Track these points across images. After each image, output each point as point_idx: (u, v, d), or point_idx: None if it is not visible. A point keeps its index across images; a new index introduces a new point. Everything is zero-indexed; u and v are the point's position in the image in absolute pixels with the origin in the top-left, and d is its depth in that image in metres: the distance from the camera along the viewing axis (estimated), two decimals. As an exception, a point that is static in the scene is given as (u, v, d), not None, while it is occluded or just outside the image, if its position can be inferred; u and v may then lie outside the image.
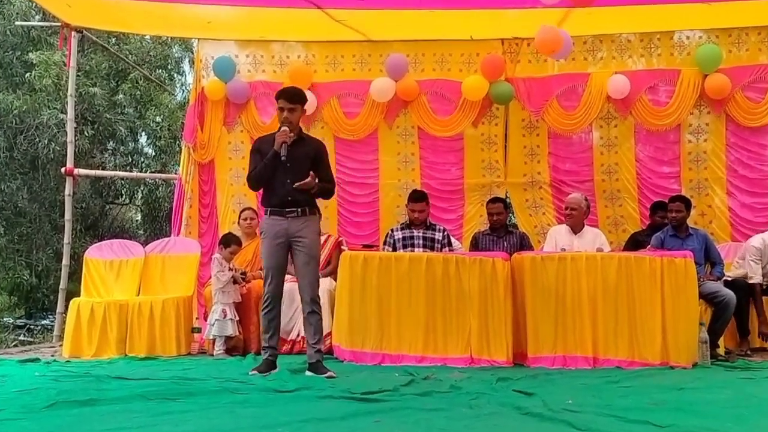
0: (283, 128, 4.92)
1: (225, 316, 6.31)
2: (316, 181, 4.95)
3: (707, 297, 5.90)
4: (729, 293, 5.90)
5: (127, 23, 8.41)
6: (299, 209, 4.93)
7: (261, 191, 5.34)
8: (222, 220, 8.19)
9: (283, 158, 4.85)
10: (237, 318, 6.41)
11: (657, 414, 3.48)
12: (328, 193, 5.22)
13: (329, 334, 6.03)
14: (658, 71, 7.83)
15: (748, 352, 6.13)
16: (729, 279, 6.35)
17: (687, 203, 6.60)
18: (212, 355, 6.34)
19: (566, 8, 6.72)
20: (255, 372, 4.87)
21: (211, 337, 6.37)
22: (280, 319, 5.20)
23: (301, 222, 4.94)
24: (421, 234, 6.40)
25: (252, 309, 6.49)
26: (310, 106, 7.85)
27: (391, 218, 7.85)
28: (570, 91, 7.89)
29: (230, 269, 6.47)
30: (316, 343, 4.95)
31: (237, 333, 6.38)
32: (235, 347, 6.41)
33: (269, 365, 4.97)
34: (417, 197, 6.51)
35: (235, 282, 6.48)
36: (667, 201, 6.76)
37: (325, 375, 4.75)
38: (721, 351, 5.84)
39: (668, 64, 7.82)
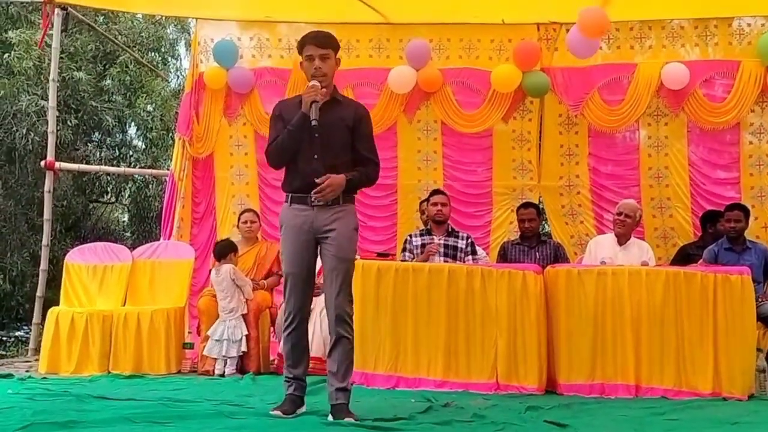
0: (313, 83, 4.21)
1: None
2: (345, 174, 4.17)
3: (766, 319, 5.86)
4: (792, 315, 5.87)
5: (116, -1, 8.49)
6: None
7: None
8: (221, 222, 8.25)
9: (314, 123, 4.09)
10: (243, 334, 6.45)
11: (707, 451, 3.48)
12: (368, 181, 4.45)
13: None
14: (715, 62, 7.82)
15: (813, 383, 6.09)
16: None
17: (746, 212, 6.58)
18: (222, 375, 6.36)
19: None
20: (278, 412, 4.15)
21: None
22: (308, 342, 4.44)
23: (331, 213, 4.17)
24: (441, 241, 6.41)
25: (253, 325, 6.52)
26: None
27: (410, 223, 7.88)
28: (614, 83, 7.90)
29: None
30: (343, 380, 4.15)
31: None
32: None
33: (294, 403, 4.24)
34: (436, 191, 6.56)
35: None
36: (721, 210, 6.74)
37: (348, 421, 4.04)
38: (781, 381, 5.81)
39: (726, 54, 7.80)
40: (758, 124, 7.76)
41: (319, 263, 4.31)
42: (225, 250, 6.61)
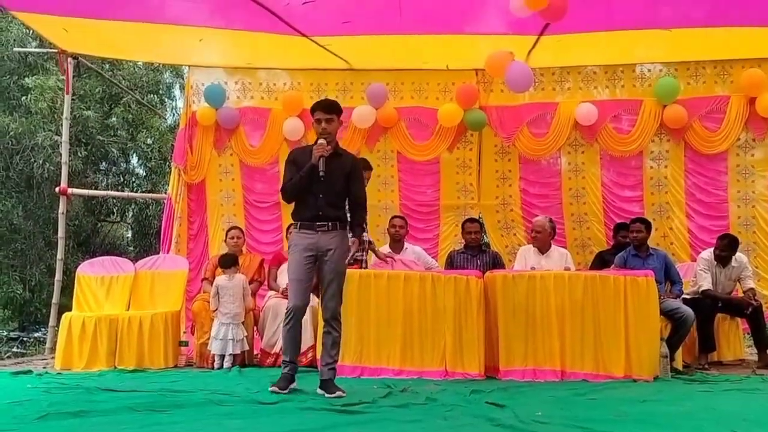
0: (320, 141, 4.64)
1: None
2: (356, 237, 4.84)
3: (667, 313, 5.94)
4: (688, 310, 5.96)
5: (120, 49, 8.38)
6: (329, 223, 4.65)
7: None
8: (212, 238, 8.16)
9: (321, 174, 4.57)
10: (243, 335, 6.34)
11: (621, 426, 3.52)
12: (363, 222, 5.00)
13: (312, 347, 6.00)
14: (622, 101, 7.91)
15: (706, 366, 6.17)
16: (687, 297, 6.44)
17: (647, 224, 6.68)
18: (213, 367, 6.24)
19: (535, 37, 6.77)
20: (275, 388, 4.57)
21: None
22: (301, 335, 4.91)
23: (331, 236, 4.65)
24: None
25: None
26: (296, 131, 7.88)
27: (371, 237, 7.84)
28: (539, 119, 7.97)
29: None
30: (332, 360, 4.66)
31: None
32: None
33: (288, 380, 4.66)
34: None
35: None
36: (628, 222, 6.84)
37: (334, 395, 4.44)
38: (677, 365, 5.87)
39: (631, 94, 7.91)
40: (657, 151, 7.87)
41: None
42: (234, 261, 6.53)
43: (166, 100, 16.51)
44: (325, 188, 4.64)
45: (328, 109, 4.77)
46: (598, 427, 3.43)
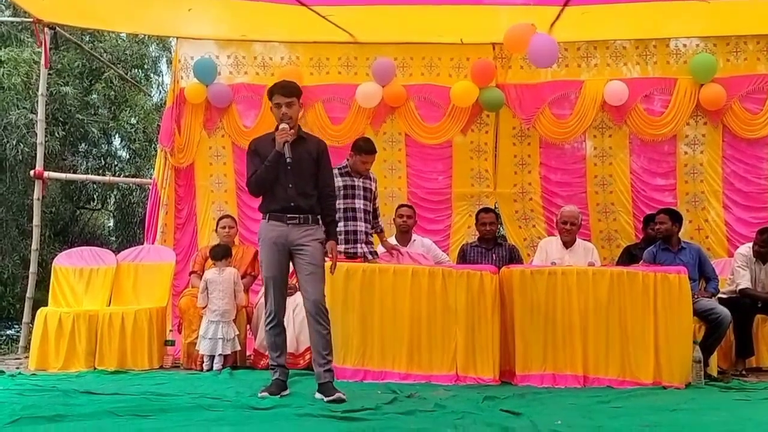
0: (282, 125, 4.67)
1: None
2: (331, 238, 4.80)
3: (702, 314, 5.94)
4: (724, 311, 5.94)
5: (102, 19, 8.36)
6: (301, 216, 4.70)
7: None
8: (201, 227, 8.16)
9: (288, 160, 4.61)
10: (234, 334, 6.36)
11: (649, 436, 3.51)
12: (336, 214, 5.02)
13: (308, 348, 6.01)
14: (654, 79, 7.90)
15: (743, 372, 6.17)
16: (723, 296, 6.43)
17: (674, 215, 6.64)
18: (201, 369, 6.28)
19: (559, 8, 6.75)
20: (265, 393, 4.64)
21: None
22: (286, 335, 4.93)
23: (303, 230, 4.69)
24: (361, 184, 6.21)
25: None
26: (295, 111, 7.86)
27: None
28: (563, 98, 7.96)
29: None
30: (327, 362, 4.66)
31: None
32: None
33: (280, 386, 4.73)
34: (371, 149, 6.23)
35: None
36: (657, 213, 6.83)
37: (333, 397, 4.49)
38: (712, 371, 5.88)
39: (664, 72, 7.88)
40: (692, 136, 7.86)
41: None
42: (226, 253, 6.54)
43: (152, 75, 16.48)
44: (294, 177, 4.69)
45: (288, 91, 4.79)
46: (623, 438, 3.44)
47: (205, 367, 6.21)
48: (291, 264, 4.79)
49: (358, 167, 6.15)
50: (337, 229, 5.16)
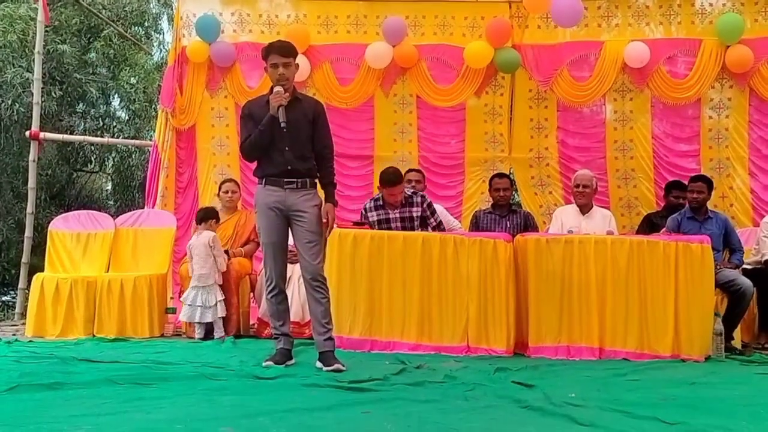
0: (277, 88, 4.66)
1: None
2: (330, 199, 4.75)
3: (724, 286, 5.92)
4: (747, 282, 5.92)
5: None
6: (299, 181, 4.70)
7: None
8: (203, 191, 8.18)
9: (283, 124, 4.58)
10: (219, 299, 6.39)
11: (666, 410, 3.50)
12: (334, 176, 4.92)
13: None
14: (678, 40, 7.82)
15: (766, 346, 6.16)
16: (748, 267, 6.39)
17: (710, 184, 6.58)
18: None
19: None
20: (270, 363, 4.65)
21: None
22: (289, 303, 4.98)
23: (300, 195, 4.70)
24: (397, 214, 6.22)
25: (232, 290, 6.50)
26: (302, 71, 7.81)
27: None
28: (581, 60, 7.89)
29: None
30: (328, 331, 4.68)
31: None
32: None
33: (285, 355, 4.76)
34: (392, 180, 6.10)
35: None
36: (684, 181, 6.76)
37: (332, 368, 4.52)
38: (736, 344, 5.88)
39: (688, 33, 7.80)
40: (717, 99, 7.79)
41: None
42: (207, 215, 6.56)
43: (153, 33, 16.45)
44: (290, 140, 4.67)
45: (285, 51, 4.74)
46: (639, 411, 3.42)
47: (197, 336, 6.25)
48: (290, 230, 4.80)
49: (387, 200, 6.18)
50: None
